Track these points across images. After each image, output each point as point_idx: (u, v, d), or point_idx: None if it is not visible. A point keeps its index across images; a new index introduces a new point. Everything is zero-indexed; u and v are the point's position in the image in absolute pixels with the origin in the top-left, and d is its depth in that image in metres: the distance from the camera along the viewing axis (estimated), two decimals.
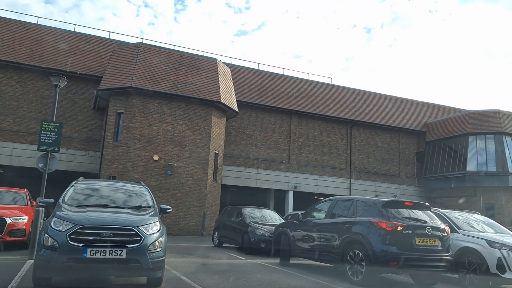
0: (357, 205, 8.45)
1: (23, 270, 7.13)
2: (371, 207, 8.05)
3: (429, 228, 7.58)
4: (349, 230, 8.03)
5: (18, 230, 9.82)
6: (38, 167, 9.47)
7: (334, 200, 9.34)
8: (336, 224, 8.52)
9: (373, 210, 7.91)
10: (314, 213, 9.79)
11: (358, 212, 8.26)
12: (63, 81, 9.91)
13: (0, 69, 21.82)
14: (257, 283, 7.40)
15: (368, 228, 7.64)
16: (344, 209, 8.79)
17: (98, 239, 5.44)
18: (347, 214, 8.53)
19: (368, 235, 7.53)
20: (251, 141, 26.20)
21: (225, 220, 15.11)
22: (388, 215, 7.66)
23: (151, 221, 6.07)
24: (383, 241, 7.34)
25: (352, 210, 8.46)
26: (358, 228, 7.86)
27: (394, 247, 7.27)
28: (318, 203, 9.98)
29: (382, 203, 7.96)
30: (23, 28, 22.56)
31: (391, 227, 7.40)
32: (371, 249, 7.34)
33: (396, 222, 7.50)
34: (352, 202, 8.69)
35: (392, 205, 7.98)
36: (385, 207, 7.84)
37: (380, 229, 7.43)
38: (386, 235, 7.35)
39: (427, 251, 7.51)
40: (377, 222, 7.54)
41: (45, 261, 5.37)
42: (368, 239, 7.46)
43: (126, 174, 19.62)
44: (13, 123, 21.82)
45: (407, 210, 8.01)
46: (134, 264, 5.56)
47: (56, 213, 5.85)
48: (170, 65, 21.34)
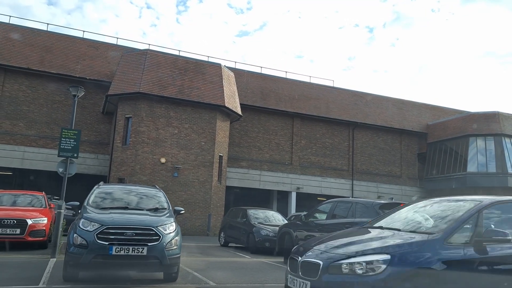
0: (356, 207, 8.99)
1: (49, 268, 7.78)
2: (369, 208, 8.61)
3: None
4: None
5: (39, 230, 10.47)
6: (59, 172, 10.13)
7: (335, 202, 9.86)
8: (337, 225, 8.95)
9: (371, 211, 8.45)
10: (316, 214, 10.30)
11: (357, 213, 8.80)
12: (81, 91, 10.60)
13: (12, 75, 22.56)
14: (263, 279, 8.04)
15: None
16: (344, 210, 9.30)
17: (122, 238, 6.08)
18: (347, 215, 9.03)
19: None
20: (255, 143, 26.84)
21: (231, 220, 15.72)
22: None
23: (168, 221, 6.71)
24: None
25: (351, 211, 8.99)
26: None
27: None
28: (319, 205, 10.53)
29: (379, 205, 8.55)
30: (33, 35, 23.29)
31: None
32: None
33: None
34: (352, 204, 9.23)
35: (388, 206, 8.53)
36: (382, 209, 8.38)
37: None
38: None
39: None
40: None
41: (76, 258, 6.02)
42: None
43: (135, 176, 20.30)
44: (24, 127, 22.54)
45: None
46: (153, 261, 6.21)
47: (84, 215, 6.50)
48: (176, 71, 22.01)
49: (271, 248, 12.78)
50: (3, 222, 10.07)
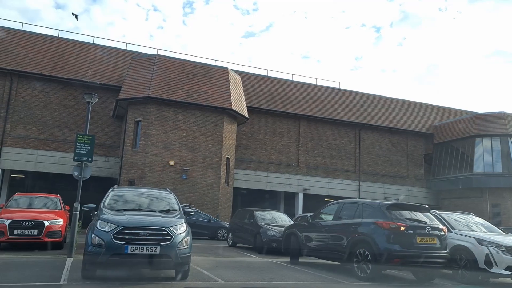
0: (363, 208, 9.08)
1: (67, 266, 8.22)
2: (375, 209, 8.73)
3: (428, 228, 8.34)
4: (356, 231, 8.71)
5: (55, 231, 10.95)
6: (74, 175, 10.60)
7: (341, 203, 9.98)
8: (344, 226, 9.19)
9: (378, 212, 8.59)
10: (322, 215, 10.47)
11: (363, 214, 8.89)
12: (95, 98, 11.09)
13: (25, 81, 23.21)
14: (269, 277, 8.41)
15: (373, 228, 8.32)
16: (351, 211, 9.39)
17: (136, 237, 6.51)
18: (354, 216, 9.13)
19: (373, 235, 8.23)
20: (261, 145, 27.21)
21: (238, 221, 16.07)
22: (391, 216, 8.35)
23: (179, 222, 7.13)
24: (387, 240, 8.02)
25: (358, 212, 9.09)
26: (364, 229, 8.54)
27: (397, 246, 7.96)
28: (325, 206, 10.69)
29: (386, 205, 8.68)
30: (45, 41, 23.93)
31: (395, 227, 8.09)
32: (377, 248, 8.02)
33: (398, 223, 8.20)
34: (358, 205, 9.32)
35: (395, 207, 8.73)
36: (388, 210, 8.54)
37: (385, 229, 8.12)
38: (390, 235, 8.05)
39: (427, 249, 8.20)
40: (381, 223, 8.23)
41: (94, 257, 6.46)
42: (374, 239, 8.16)
43: (145, 178, 20.79)
44: (37, 131, 23.16)
45: (408, 212, 8.73)
46: (166, 259, 6.62)
47: (101, 216, 6.94)
48: (184, 75, 22.50)
49: (277, 248, 13.10)
50: (22, 224, 10.58)
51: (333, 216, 9.78)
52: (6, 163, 22.41)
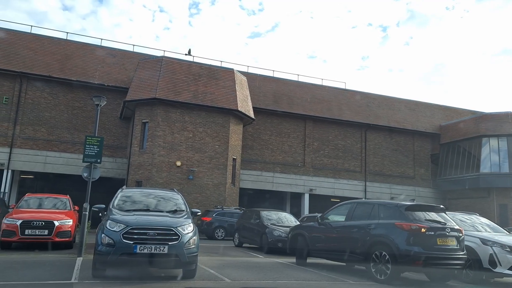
0: (379, 208, 8.84)
1: (77, 265, 8.42)
2: (393, 210, 8.50)
3: (448, 229, 8.19)
4: (373, 232, 8.46)
5: (65, 231, 11.17)
6: (83, 176, 10.82)
7: (353, 204, 9.71)
8: (358, 226, 8.90)
9: (396, 213, 8.36)
10: (332, 215, 10.24)
11: (380, 215, 8.65)
12: (103, 100, 11.30)
13: (34, 83, 23.56)
14: (275, 277, 8.55)
15: (393, 230, 8.09)
16: (365, 212, 9.12)
17: (145, 237, 6.68)
18: (369, 217, 8.87)
19: (393, 236, 8.01)
20: (267, 145, 27.34)
21: (245, 222, 16.21)
22: (410, 217, 8.15)
23: (186, 222, 7.29)
24: (409, 242, 7.82)
25: (373, 213, 8.84)
26: (383, 230, 8.31)
27: (418, 247, 7.77)
28: (335, 207, 10.33)
29: (405, 206, 8.43)
30: (54, 44, 24.27)
31: (416, 229, 7.89)
32: (397, 250, 7.81)
33: (420, 224, 8.00)
34: (373, 206, 9.04)
35: (413, 208, 8.51)
36: (407, 210, 8.32)
37: (405, 231, 7.92)
38: (411, 236, 7.85)
39: (447, 251, 8.05)
40: (402, 224, 8.02)
41: (104, 256, 6.64)
42: (394, 240, 7.94)
43: (152, 179, 21.02)
44: (46, 132, 23.50)
45: (426, 213, 8.53)
46: (174, 258, 6.78)
47: (110, 216, 7.12)
48: (191, 77, 22.70)
49: (283, 248, 13.22)
50: (33, 224, 10.81)
51: (345, 217, 9.53)
52: (16, 164, 22.76)
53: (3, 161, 22.39)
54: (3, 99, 23.00)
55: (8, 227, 10.73)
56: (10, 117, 22.94)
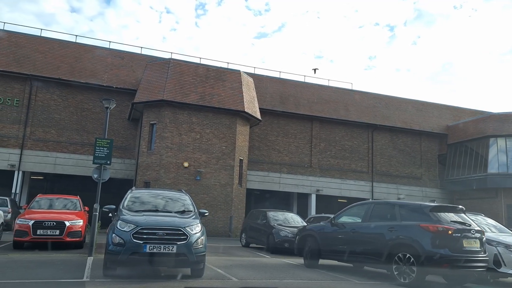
0: (401, 209, 8.58)
1: (89, 264, 8.64)
2: (417, 211, 8.28)
3: (473, 231, 8.04)
4: (395, 234, 8.16)
5: (75, 232, 11.41)
6: (93, 178, 11.05)
7: (370, 204, 9.47)
8: (379, 228, 8.61)
9: (421, 214, 8.12)
10: (345, 217, 9.89)
11: (402, 216, 8.41)
12: (113, 103, 11.54)
13: (44, 85, 23.93)
14: (281, 276, 8.70)
15: (418, 231, 7.84)
16: (384, 213, 8.89)
17: (154, 237, 6.87)
18: (389, 218, 8.64)
19: (418, 238, 7.76)
20: (274, 146, 27.47)
21: (251, 222, 16.37)
22: (435, 219, 7.96)
23: (194, 223, 7.47)
24: (435, 244, 7.59)
25: (394, 214, 8.60)
26: (407, 232, 8.03)
27: (446, 250, 7.56)
28: (349, 208, 10.09)
29: (429, 207, 8.23)
30: (63, 47, 24.63)
31: (443, 231, 7.69)
32: (424, 252, 7.58)
33: (446, 225, 7.80)
34: (394, 206, 8.81)
35: (438, 209, 8.30)
36: (432, 211, 8.11)
37: (432, 233, 7.70)
38: (437, 238, 7.64)
39: (472, 253, 7.84)
40: (428, 226, 7.79)
41: (114, 255, 6.84)
42: (420, 242, 7.70)
43: (160, 180, 21.26)
44: (56, 134, 23.86)
45: (449, 213, 8.34)
46: (182, 258, 6.96)
47: (120, 217, 7.32)
48: (198, 78, 22.92)
49: (290, 249, 13.36)
50: (44, 224, 11.07)
51: (362, 218, 9.26)
52: (27, 165, 23.14)
53: (14, 163, 22.78)
54: (14, 101, 23.41)
55: (20, 227, 11.00)
56: (21, 119, 23.33)
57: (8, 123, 23.20)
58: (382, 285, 8.28)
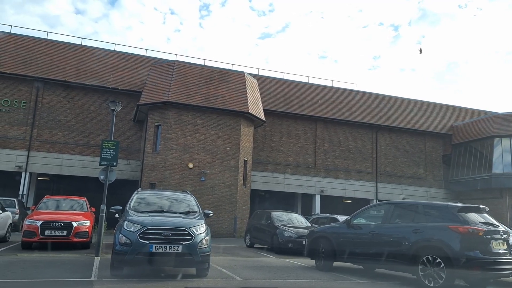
0: (425, 210, 8.36)
1: (96, 264, 8.83)
2: (444, 212, 8.04)
3: (501, 232, 7.89)
4: (422, 235, 7.87)
5: (82, 232, 11.61)
6: (100, 179, 11.25)
7: (390, 205, 9.18)
8: (402, 229, 8.32)
9: (448, 215, 7.86)
10: (362, 218, 9.61)
11: (428, 217, 8.17)
12: (119, 106, 11.73)
13: (50, 87, 24.23)
14: (285, 276, 8.84)
15: (446, 233, 7.57)
16: (407, 214, 8.66)
17: (160, 237, 7.03)
18: (413, 219, 8.39)
19: (447, 240, 7.49)
20: (278, 147, 27.60)
21: (256, 223, 16.49)
22: (463, 220, 7.69)
23: (199, 223, 7.63)
24: (465, 246, 7.32)
25: (418, 215, 8.36)
26: (434, 233, 7.76)
27: (476, 252, 7.30)
28: (366, 209, 9.82)
29: (457, 208, 7.97)
30: (69, 49, 24.90)
31: (473, 232, 7.42)
32: (453, 255, 7.30)
33: (477, 227, 7.53)
34: (417, 207, 8.58)
35: (466, 210, 8.03)
36: (460, 212, 7.84)
37: (462, 234, 7.41)
38: (468, 240, 7.37)
39: (501, 255, 7.62)
40: (457, 227, 7.51)
41: (121, 255, 7.01)
42: (449, 244, 7.43)
43: (165, 181, 21.45)
44: (62, 136, 24.14)
45: (474, 214, 8.06)
46: (187, 257, 7.12)
47: (127, 217, 7.49)
48: (202, 80, 23.11)
49: (294, 249, 13.52)
50: (52, 225, 11.28)
51: (382, 219, 8.94)
52: (34, 166, 23.43)
53: (21, 164, 23.07)
54: (21, 103, 23.71)
55: (29, 228, 11.21)
56: (28, 121, 23.62)
57: (16, 125, 23.50)
58: (383, 285, 8.39)
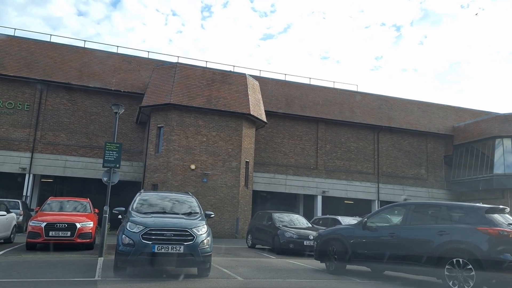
0: (449, 211, 8.16)
1: (99, 264, 8.97)
2: (471, 213, 7.79)
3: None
4: (448, 237, 7.58)
5: (86, 233, 11.78)
6: (103, 181, 11.42)
7: (409, 206, 8.89)
8: (426, 231, 8.02)
9: (476, 216, 7.63)
10: (378, 219, 9.39)
11: (453, 218, 7.94)
12: (122, 108, 11.90)
13: (54, 90, 24.45)
14: (285, 276, 8.96)
15: (475, 235, 7.29)
16: (428, 215, 8.43)
17: (162, 238, 7.18)
18: (436, 220, 8.13)
19: (477, 242, 7.20)
20: (280, 148, 27.73)
21: (257, 223, 16.63)
22: (489, 221, 7.47)
23: (200, 224, 7.78)
24: (496, 249, 7.07)
25: (442, 216, 8.13)
26: (461, 235, 7.46)
27: (507, 255, 7.00)
28: (382, 210, 9.57)
29: (485, 209, 7.74)
30: (72, 52, 25.12)
31: (505, 234, 7.16)
32: (484, 257, 7.02)
33: (506, 229, 7.27)
34: (440, 208, 8.35)
35: (493, 211, 7.81)
36: (487, 213, 7.63)
37: (492, 236, 7.16)
38: (498, 242, 7.12)
39: None
40: (486, 229, 7.26)
41: (124, 255, 7.16)
42: (479, 247, 7.13)
43: (167, 182, 21.61)
44: (65, 137, 24.35)
45: (498, 215, 7.84)
46: (189, 257, 7.26)
47: (130, 218, 7.65)
48: (204, 82, 23.27)
49: (295, 250, 13.65)
50: (56, 226, 11.44)
51: (401, 221, 8.65)
52: (37, 168, 23.64)
53: (25, 166, 23.29)
54: (25, 106, 23.93)
55: (33, 229, 11.38)
56: (31, 123, 23.85)
57: (19, 127, 23.73)
58: (384, 284, 8.50)
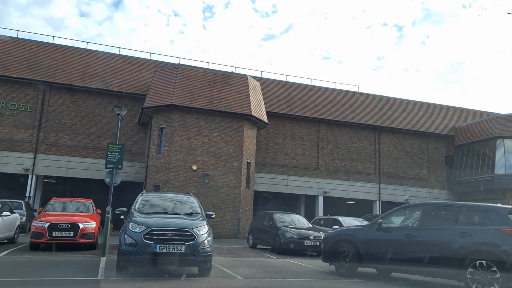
0: (470, 212, 7.92)
1: (102, 264, 9.11)
2: (494, 214, 7.60)
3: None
4: (470, 239, 7.36)
5: (89, 233, 11.91)
6: (106, 181, 11.55)
7: (426, 206, 8.69)
8: (446, 232, 7.81)
9: (499, 217, 7.44)
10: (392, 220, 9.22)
11: (473, 219, 7.74)
12: (124, 110, 12.04)
13: (56, 91, 24.63)
14: (285, 275, 9.08)
15: (500, 236, 7.10)
16: (448, 216, 8.28)
17: (164, 238, 7.31)
18: (456, 221, 7.93)
19: (502, 244, 7.01)
20: (281, 149, 27.83)
21: (258, 224, 16.75)
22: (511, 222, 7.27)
23: (201, 224, 7.90)
24: None
25: (463, 217, 7.91)
26: (484, 237, 7.29)
27: None
28: (397, 210, 9.31)
29: (507, 210, 7.56)
30: (74, 53, 25.29)
31: None
32: (510, 259, 6.82)
33: None
34: (460, 209, 8.11)
35: None
36: (511, 214, 7.45)
37: None
38: None
39: None
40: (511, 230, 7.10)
41: (127, 255, 7.29)
42: (504, 249, 6.94)
43: (169, 183, 21.74)
44: (68, 138, 24.52)
45: None
46: (190, 257, 7.39)
47: (132, 219, 7.78)
48: (205, 83, 23.41)
49: (295, 250, 13.77)
50: (59, 226, 11.58)
51: (419, 222, 8.45)
52: (40, 169, 23.81)
53: (28, 167, 23.47)
54: (28, 107, 24.12)
55: (37, 229, 11.52)
56: (34, 124, 24.03)
57: (22, 128, 23.91)
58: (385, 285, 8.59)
